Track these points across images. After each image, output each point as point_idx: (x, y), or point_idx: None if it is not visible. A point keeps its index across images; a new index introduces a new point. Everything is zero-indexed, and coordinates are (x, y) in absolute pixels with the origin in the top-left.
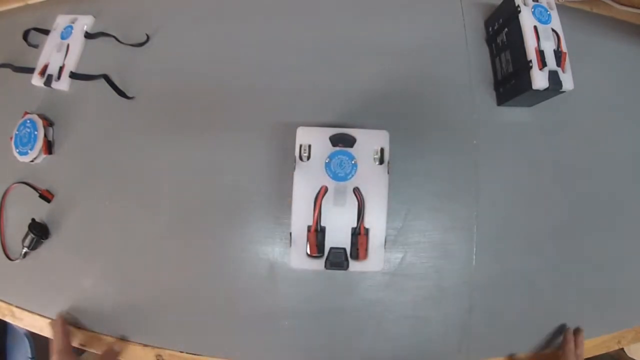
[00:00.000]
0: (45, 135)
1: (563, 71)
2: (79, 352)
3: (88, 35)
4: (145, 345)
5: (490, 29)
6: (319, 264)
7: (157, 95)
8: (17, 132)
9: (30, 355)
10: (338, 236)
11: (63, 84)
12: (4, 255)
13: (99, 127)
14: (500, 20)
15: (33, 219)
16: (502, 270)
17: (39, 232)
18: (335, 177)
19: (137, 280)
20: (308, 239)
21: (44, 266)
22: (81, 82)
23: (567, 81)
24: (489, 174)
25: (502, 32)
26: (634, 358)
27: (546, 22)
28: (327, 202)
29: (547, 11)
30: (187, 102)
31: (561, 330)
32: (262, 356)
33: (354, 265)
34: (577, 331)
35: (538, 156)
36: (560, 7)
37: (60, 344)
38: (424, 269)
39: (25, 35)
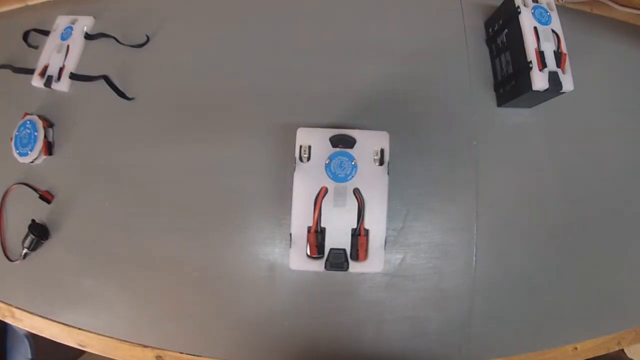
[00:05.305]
0: (45, 136)
1: (563, 72)
2: (79, 352)
3: (88, 36)
4: (145, 346)
5: (490, 30)
6: (319, 265)
7: (157, 96)
8: (17, 133)
9: (29, 356)
10: (338, 237)
11: (63, 85)
12: (4, 256)
13: (99, 128)
14: (500, 21)
15: (33, 220)
16: (502, 270)
17: (39, 233)
18: (335, 178)
19: (137, 281)
20: (308, 240)
21: (44, 267)
22: (81, 83)
23: (567, 82)
24: (489, 174)
25: (502, 33)
26: (634, 359)
27: (546, 23)
28: (327, 203)
29: (547, 12)
30: (187, 103)
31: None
32: (262, 356)
33: (354, 266)
34: None
35: (538, 157)
36: (560, 8)
37: None
38: (424, 270)
39: (25, 36)
